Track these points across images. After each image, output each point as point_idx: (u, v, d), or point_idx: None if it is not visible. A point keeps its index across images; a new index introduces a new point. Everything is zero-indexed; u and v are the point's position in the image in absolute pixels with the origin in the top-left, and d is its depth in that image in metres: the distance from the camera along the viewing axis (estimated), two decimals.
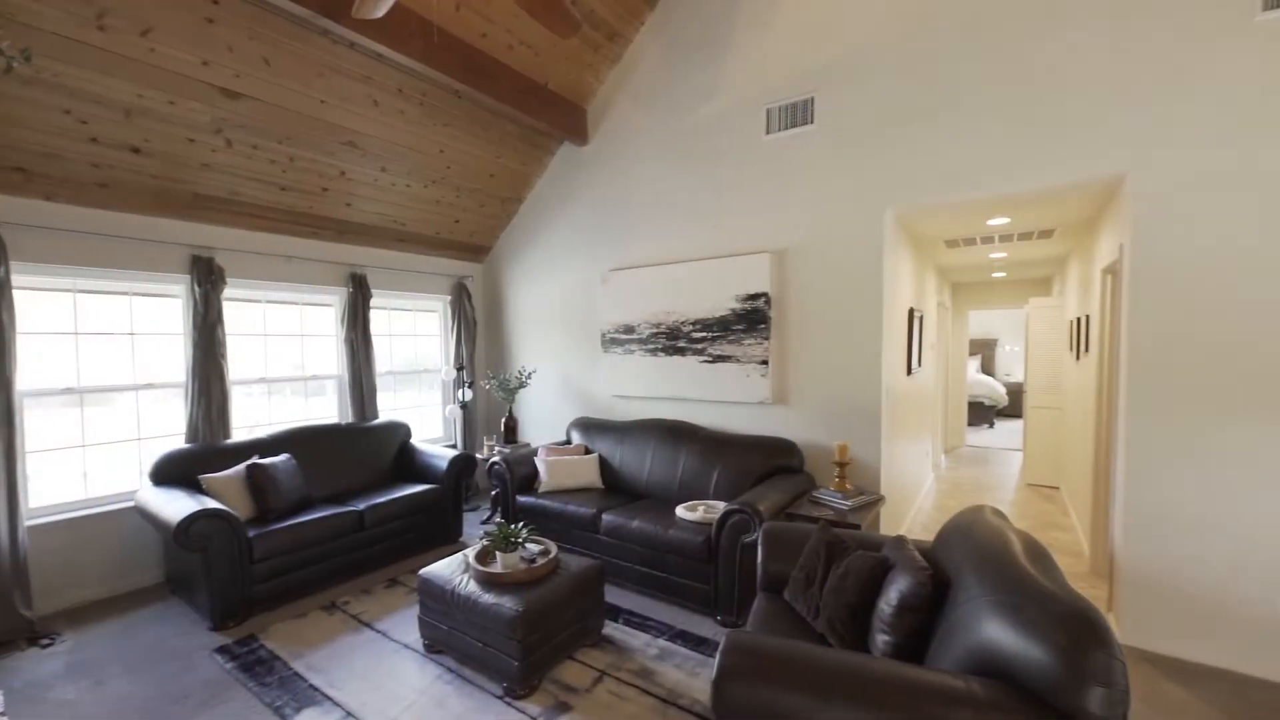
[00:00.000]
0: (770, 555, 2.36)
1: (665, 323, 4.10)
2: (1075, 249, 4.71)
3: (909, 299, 4.21)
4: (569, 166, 4.74)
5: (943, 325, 6.70)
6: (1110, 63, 2.65)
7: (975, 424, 9.53)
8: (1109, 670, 1.15)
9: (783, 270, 3.64)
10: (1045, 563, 1.54)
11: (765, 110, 3.67)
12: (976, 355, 11.71)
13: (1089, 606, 1.25)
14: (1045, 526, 4.44)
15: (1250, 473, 2.41)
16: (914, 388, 4.52)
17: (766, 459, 3.38)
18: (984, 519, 1.87)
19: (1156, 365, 2.60)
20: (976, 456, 7.33)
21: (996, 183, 2.95)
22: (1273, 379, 2.36)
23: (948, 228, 4.00)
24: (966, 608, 1.51)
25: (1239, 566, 2.44)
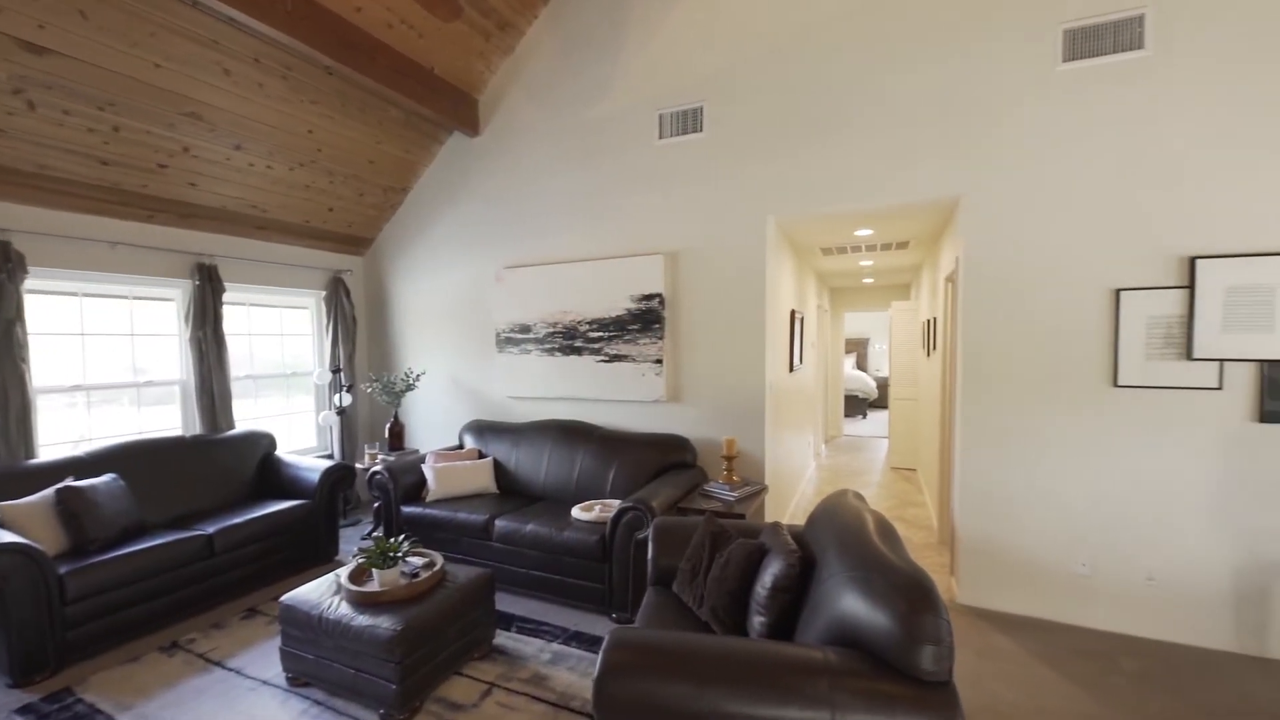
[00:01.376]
0: (660, 550, 2.41)
1: (562, 322, 4.05)
2: (926, 259, 5.34)
3: (791, 301, 4.52)
4: (460, 157, 4.53)
5: (822, 326, 7.30)
6: (947, 99, 3.03)
7: (851, 415, 10.50)
8: (937, 630, 1.31)
9: (676, 272, 3.75)
10: (892, 539, 1.72)
11: (658, 115, 3.76)
12: (852, 353, 12.90)
13: (924, 576, 1.41)
14: (904, 504, 4.99)
15: (1053, 450, 2.88)
16: (796, 384, 4.87)
17: (661, 456, 3.46)
18: (846, 502, 2.05)
19: (983, 361, 3.02)
20: (852, 445, 8.08)
21: (861, 198, 3.26)
22: (1068, 370, 2.84)
23: (823, 236, 4.35)
24: (828, 584, 1.64)
25: (1046, 531, 2.91)
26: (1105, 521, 2.79)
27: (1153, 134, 2.67)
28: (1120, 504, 2.77)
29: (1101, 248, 2.77)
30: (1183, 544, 2.67)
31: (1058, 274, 2.86)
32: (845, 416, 10.16)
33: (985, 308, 3.02)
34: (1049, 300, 2.88)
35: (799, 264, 5.10)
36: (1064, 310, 2.85)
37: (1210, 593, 2.63)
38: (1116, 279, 2.75)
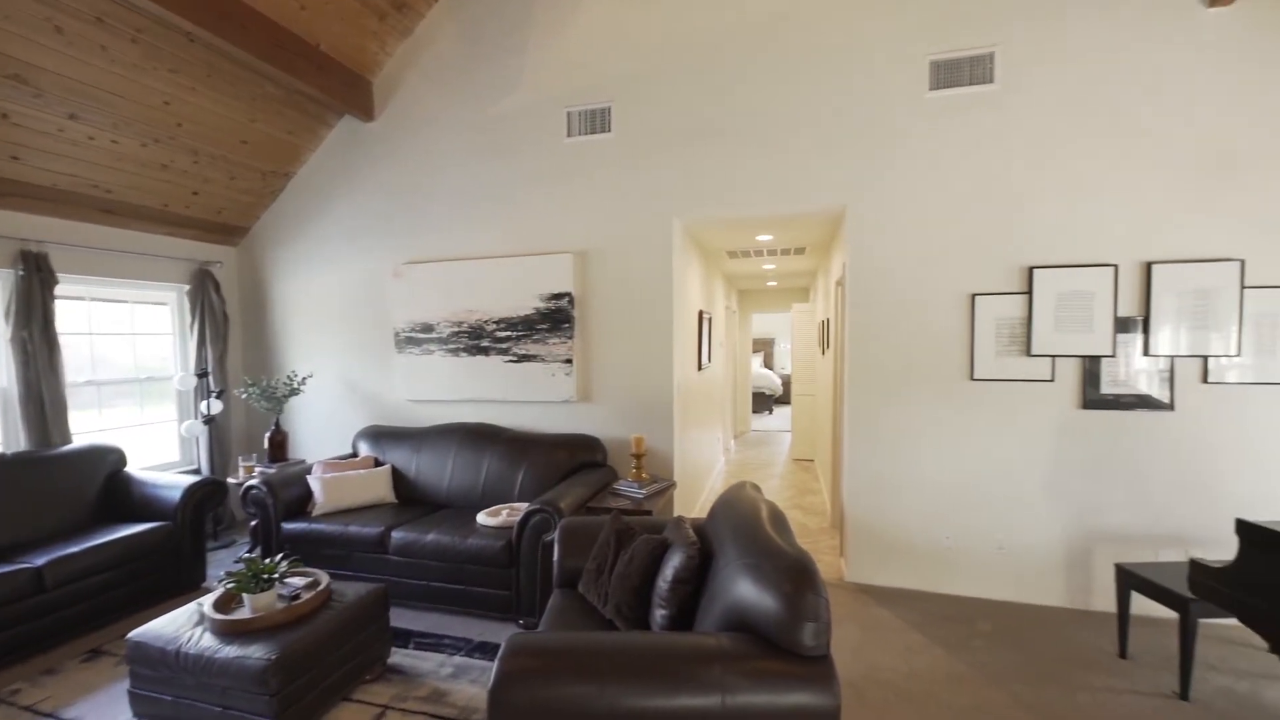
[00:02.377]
0: (567, 551, 2.39)
1: (468, 321, 3.89)
2: (821, 264, 5.74)
3: (699, 302, 4.67)
4: (352, 143, 4.21)
5: (730, 326, 7.61)
6: (834, 117, 3.27)
7: (758, 411, 11.04)
8: (816, 608, 1.40)
9: (585, 271, 3.74)
10: (782, 527, 1.82)
11: (566, 113, 3.72)
12: (760, 352, 13.57)
13: (807, 559, 1.51)
14: (803, 493, 5.33)
15: (923, 437, 3.20)
16: (705, 382, 5.04)
17: (572, 456, 3.43)
18: (744, 494, 2.14)
19: (866, 358, 3.29)
20: (759, 439, 8.50)
21: (760, 204, 3.43)
22: (935, 366, 3.17)
23: (728, 240, 4.54)
24: (724, 573, 1.70)
25: (919, 510, 3.23)
26: (965, 499, 3.15)
27: (1000, 158, 3.05)
28: (976, 483, 3.13)
29: (961, 256, 3.12)
30: (1025, 516, 3.08)
31: (926, 279, 3.18)
32: (753, 412, 10.67)
33: (867, 310, 3.29)
34: (920, 303, 3.19)
35: (707, 266, 5.28)
36: (931, 312, 3.18)
37: (1047, 557, 3.06)
38: (972, 285, 3.11)
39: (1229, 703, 2.21)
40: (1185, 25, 2.80)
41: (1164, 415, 2.90)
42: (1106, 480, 2.97)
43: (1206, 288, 2.81)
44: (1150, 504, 2.92)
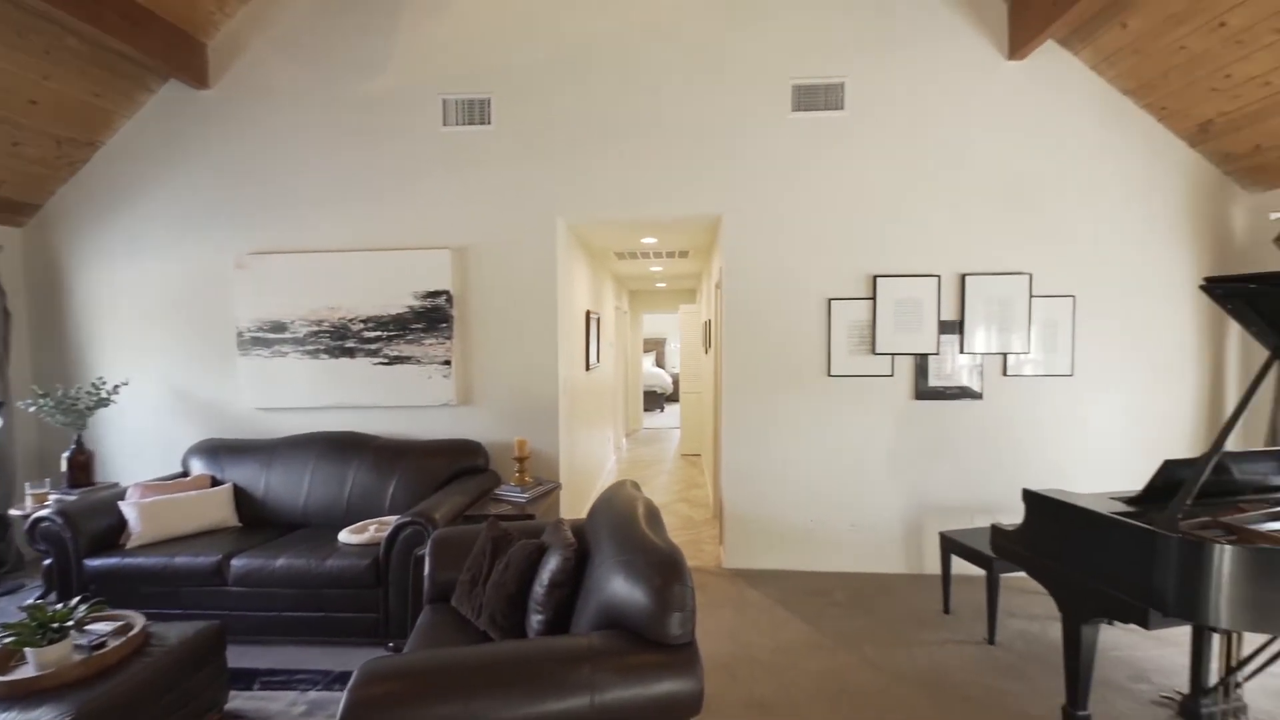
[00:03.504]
0: (441, 564, 2.26)
1: (330, 320, 3.54)
2: (704, 267, 6.03)
3: (586, 302, 4.67)
4: (182, 112, 3.64)
5: (621, 326, 7.72)
6: (711, 128, 3.44)
7: (650, 409, 11.32)
8: (683, 598, 1.46)
9: (465, 268, 3.57)
10: (656, 522, 1.87)
11: (442, 100, 3.53)
12: (651, 351, 13.93)
13: (675, 552, 1.56)
14: (690, 487, 5.56)
15: (789, 429, 3.49)
16: (594, 382, 5.05)
17: (451, 462, 3.26)
18: (622, 492, 2.18)
19: (740, 357, 3.51)
20: (651, 437, 8.72)
21: (642, 207, 3.51)
22: (799, 363, 3.46)
23: (614, 241, 4.59)
24: (600, 571, 1.71)
25: (786, 496, 3.51)
26: (824, 483, 3.48)
27: (850, 177, 3.41)
28: (833, 468, 3.47)
29: (819, 264, 3.44)
30: (872, 496, 3.47)
31: (792, 284, 3.47)
32: (645, 411, 10.92)
33: (741, 311, 3.51)
34: (786, 306, 3.47)
35: (595, 267, 5.30)
36: (796, 314, 3.47)
37: (889, 531, 3.47)
38: (829, 290, 3.44)
39: (1025, 642, 2.66)
40: (990, 74, 3.33)
41: (976, 403, 3.42)
42: (934, 460, 3.44)
43: (1005, 296, 3.37)
44: (967, 479, 3.44)
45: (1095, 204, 3.34)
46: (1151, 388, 3.38)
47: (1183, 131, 3.26)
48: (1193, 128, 3.20)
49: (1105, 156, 3.32)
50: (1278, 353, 1.92)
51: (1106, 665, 2.45)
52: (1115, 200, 3.34)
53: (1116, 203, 3.34)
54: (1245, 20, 2.55)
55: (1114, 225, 3.35)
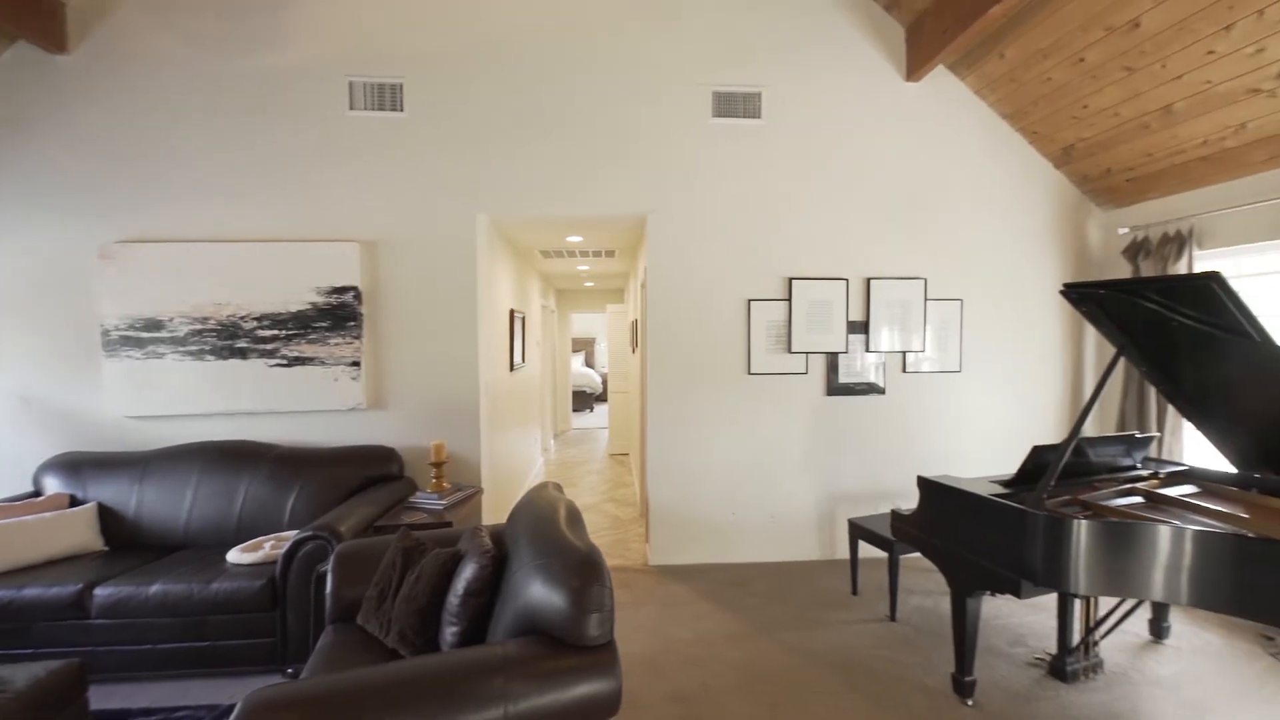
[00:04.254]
0: (345, 579, 2.11)
1: (216, 318, 3.20)
2: (631, 267, 6.06)
3: (510, 301, 4.55)
4: (32, 79, 3.15)
5: (548, 325, 7.59)
6: (638, 130, 3.46)
7: (580, 409, 11.24)
8: (601, 598, 1.45)
9: (376, 263, 3.36)
10: (577, 523, 1.85)
11: (348, 82, 3.30)
12: (581, 351, 13.82)
13: (594, 553, 1.55)
14: (617, 486, 5.56)
15: (711, 426, 3.58)
16: (519, 382, 4.93)
17: (360, 471, 3.05)
18: (544, 494, 2.13)
19: (665, 356, 3.55)
20: (580, 437, 8.65)
21: (567, 205, 3.46)
22: (721, 362, 3.56)
23: (539, 239, 4.50)
24: (518, 576, 1.67)
25: (709, 491, 3.59)
26: (745, 477, 3.60)
27: (768, 184, 3.54)
28: (753, 462, 3.60)
29: (740, 266, 3.55)
30: (789, 487, 3.63)
31: (714, 285, 3.56)
32: (574, 411, 10.81)
33: (665, 311, 3.55)
34: (708, 306, 3.56)
35: (521, 265, 5.18)
36: (718, 314, 3.56)
37: (804, 520, 3.65)
38: (749, 291, 3.56)
39: (921, 617, 2.89)
40: (890, 94, 3.58)
41: (880, 398, 3.67)
42: (844, 452, 3.66)
43: (904, 299, 3.65)
44: (873, 468, 3.69)
45: (979, 216, 3.69)
46: (1026, 381, 3.78)
47: (1049, 154, 3.67)
48: (1057, 151, 3.62)
49: (987, 173, 3.68)
50: (1123, 350, 2.20)
51: (989, 633, 2.71)
52: (995, 213, 3.71)
53: (996, 215, 3.71)
54: (1100, 57, 2.91)
55: (994, 236, 3.72)
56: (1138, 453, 2.56)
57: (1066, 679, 2.32)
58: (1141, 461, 2.58)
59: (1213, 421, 2.23)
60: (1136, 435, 2.49)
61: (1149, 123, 3.03)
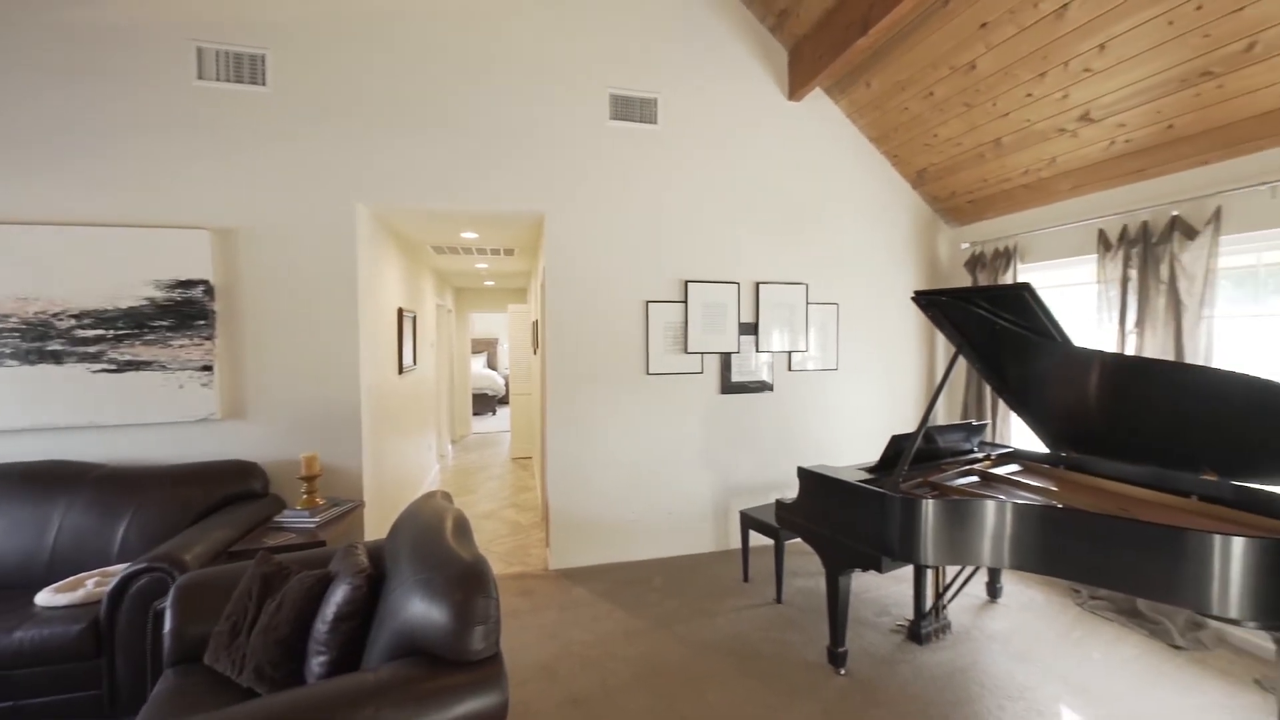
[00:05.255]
0: (189, 615, 1.85)
1: (21, 315, 2.67)
2: (532, 266, 5.93)
3: (399, 299, 4.26)
4: None
5: (445, 326, 7.22)
6: (536, 126, 3.39)
7: (481, 413, 10.81)
8: (486, 609, 1.39)
9: (233, 254, 2.98)
10: (464, 534, 1.77)
11: (196, 47, 2.90)
12: (482, 352, 13.31)
13: (479, 563, 1.49)
14: (519, 491, 5.42)
15: (611, 426, 3.60)
16: (409, 385, 4.63)
17: (212, 490, 2.69)
18: (430, 504, 2.02)
19: (563, 356, 3.52)
20: (481, 442, 8.31)
21: (462, 201, 3.31)
22: (620, 363, 3.59)
23: (431, 234, 4.25)
24: (397, 594, 1.56)
25: (609, 491, 3.61)
26: (644, 476, 3.67)
27: (666, 188, 3.63)
28: (651, 461, 3.68)
29: (638, 268, 3.61)
30: (686, 483, 3.75)
31: (613, 286, 3.58)
32: (475, 414, 10.38)
33: (565, 312, 3.52)
34: (608, 307, 3.57)
35: (411, 260, 4.87)
36: (617, 315, 3.59)
37: (701, 514, 3.79)
38: (647, 293, 3.63)
39: (804, 597, 3.11)
40: (775, 111, 3.83)
41: (769, 395, 3.91)
42: (737, 447, 3.85)
43: (789, 303, 3.91)
44: (763, 461, 3.91)
45: (852, 228, 4.06)
46: (893, 377, 4.22)
47: (908, 176, 4.12)
48: (913, 174, 4.07)
49: (859, 190, 4.06)
50: (960, 349, 2.52)
51: (860, 606, 2.99)
52: (866, 226, 4.09)
53: (867, 228, 4.10)
54: (946, 93, 3.31)
55: (866, 246, 4.10)
56: (975, 438, 2.95)
57: (921, 641, 2.62)
58: (978, 445, 2.98)
59: (1030, 410, 2.63)
60: (973, 423, 2.87)
61: (984, 153, 3.51)
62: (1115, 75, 2.64)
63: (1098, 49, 2.59)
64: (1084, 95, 2.81)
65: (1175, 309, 2.72)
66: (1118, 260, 2.98)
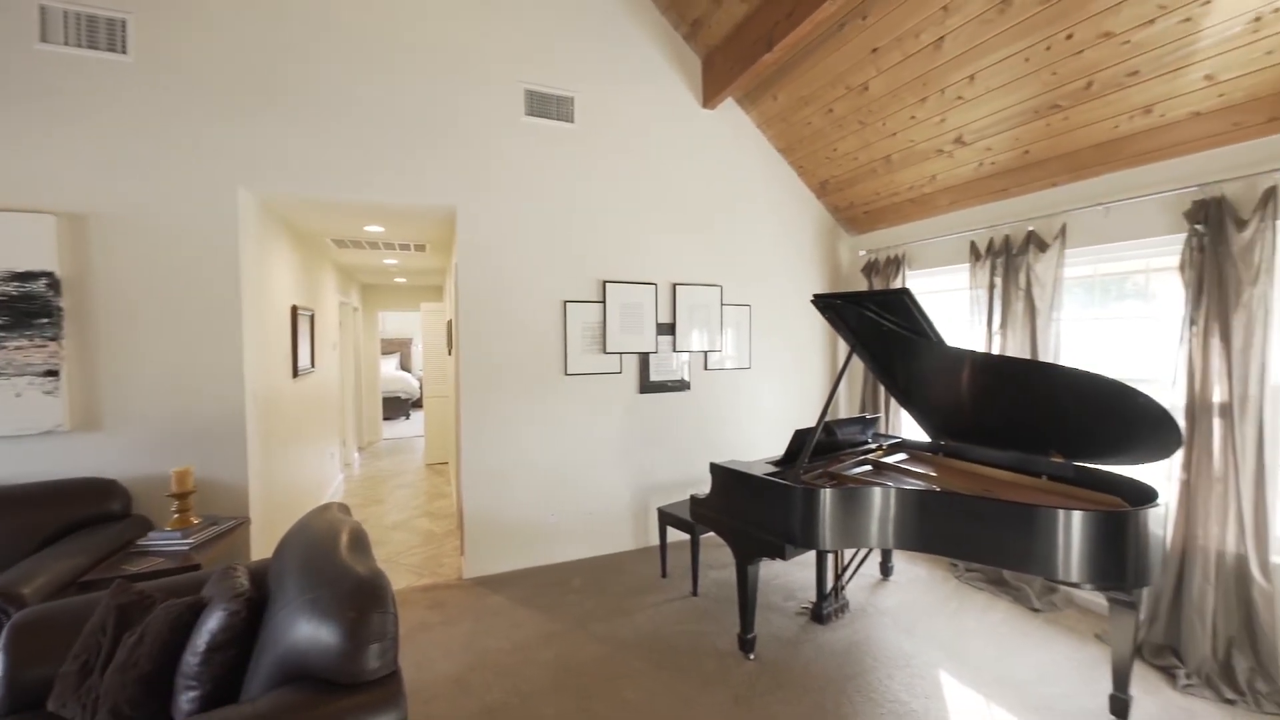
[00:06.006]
0: (28, 658, 1.60)
1: None
2: (447, 263, 5.69)
3: (292, 296, 3.93)
4: None
5: (351, 325, 6.75)
6: (445, 118, 3.25)
7: (394, 417, 10.22)
8: (383, 625, 1.32)
9: (84, 242, 2.62)
10: (360, 548, 1.67)
11: (40, 5, 2.52)
12: (395, 353, 12.59)
13: (374, 578, 1.41)
14: (434, 498, 5.18)
15: (530, 428, 3.53)
16: (307, 390, 4.29)
17: (60, 512, 2.35)
18: (323, 517, 1.88)
19: (478, 357, 3.41)
20: (392, 448, 7.85)
21: (364, 190, 3.11)
22: (539, 364, 3.54)
23: (330, 226, 3.96)
24: (280, 618, 1.44)
25: (528, 495, 3.55)
26: (563, 477, 3.64)
27: (583, 187, 3.62)
28: (571, 462, 3.66)
29: (556, 267, 3.57)
30: (606, 483, 3.77)
31: (530, 285, 3.51)
32: (386, 419, 9.81)
33: (480, 310, 3.41)
34: (524, 306, 3.50)
35: (308, 254, 4.51)
36: (535, 316, 3.53)
37: (621, 513, 3.82)
38: (565, 293, 3.60)
39: (718, 589, 3.22)
40: (692, 117, 3.93)
41: (687, 394, 4.01)
42: (656, 445, 3.92)
43: (704, 303, 4.04)
44: (680, 459, 4.01)
45: (762, 233, 4.26)
46: (800, 375, 4.47)
47: (812, 186, 4.39)
48: (817, 185, 4.34)
49: (770, 197, 4.26)
50: (854, 348, 2.72)
51: (770, 592, 3.14)
52: (775, 232, 4.31)
53: (776, 234, 4.32)
54: (843, 110, 3.56)
55: (774, 251, 4.32)
56: (870, 430, 3.20)
57: (823, 621, 2.80)
58: (872, 436, 3.23)
59: (915, 403, 2.89)
60: (867, 416, 3.11)
61: (876, 168, 3.81)
62: (983, 104, 2.96)
63: (968, 79, 2.89)
64: (958, 120, 3.13)
65: (1031, 313, 3.10)
66: (986, 269, 3.35)
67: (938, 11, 2.70)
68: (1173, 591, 2.48)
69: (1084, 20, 2.37)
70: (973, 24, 2.65)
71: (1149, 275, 2.88)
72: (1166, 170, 2.63)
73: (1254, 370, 2.28)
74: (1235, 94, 2.27)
